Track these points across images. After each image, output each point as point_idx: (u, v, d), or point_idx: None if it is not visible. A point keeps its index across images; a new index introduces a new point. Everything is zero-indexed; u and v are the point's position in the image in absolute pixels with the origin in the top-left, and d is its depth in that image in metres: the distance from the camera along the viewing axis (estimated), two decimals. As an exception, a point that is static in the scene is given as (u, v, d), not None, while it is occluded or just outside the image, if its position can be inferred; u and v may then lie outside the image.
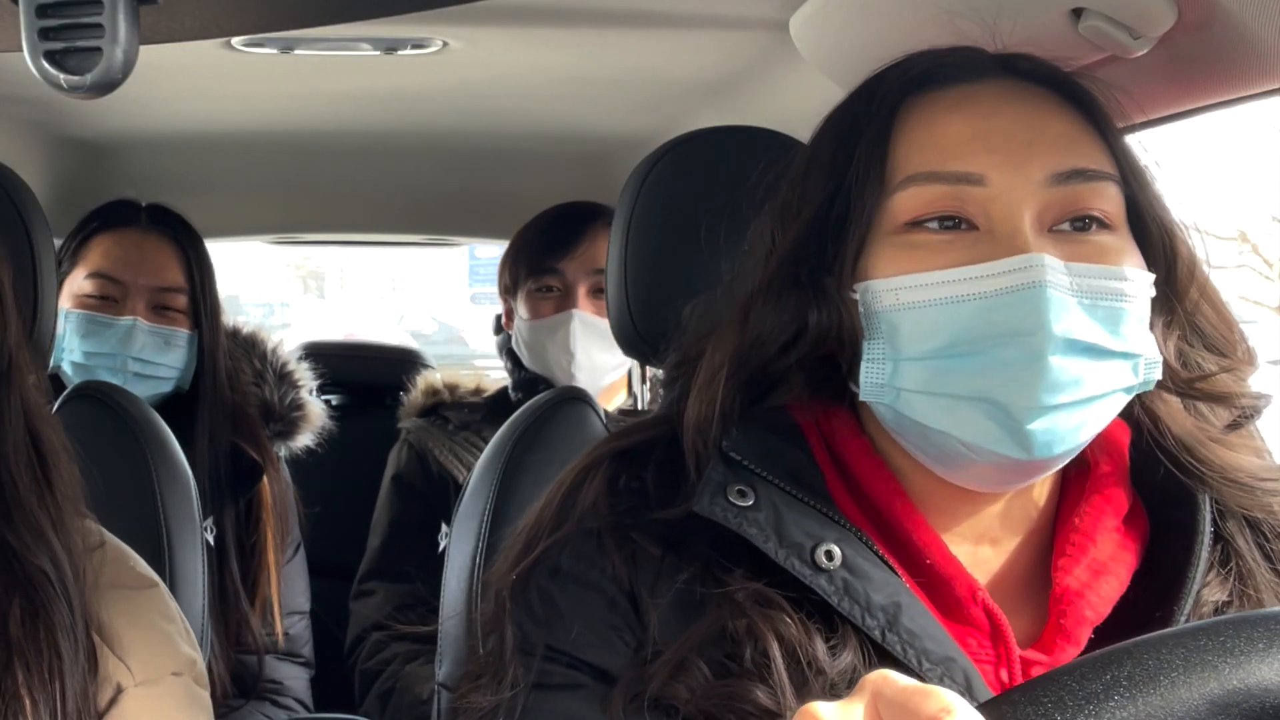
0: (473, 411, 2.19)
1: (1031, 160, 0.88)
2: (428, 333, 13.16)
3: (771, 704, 0.83)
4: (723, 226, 1.15)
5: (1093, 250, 0.88)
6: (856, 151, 0.92)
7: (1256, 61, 1.03)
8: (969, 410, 0.86)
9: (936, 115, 0.92)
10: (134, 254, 1.96)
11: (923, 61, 0.95)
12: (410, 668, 2.00)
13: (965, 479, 0.91)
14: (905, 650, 0.85)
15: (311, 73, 1.85)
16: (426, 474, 2.13)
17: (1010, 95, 0.92)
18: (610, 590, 0.91)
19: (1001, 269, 0.85)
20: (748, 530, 0.88)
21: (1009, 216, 0.87)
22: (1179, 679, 0.59)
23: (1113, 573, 0.91)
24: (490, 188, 2.62)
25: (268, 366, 2.13)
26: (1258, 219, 10.67)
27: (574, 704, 0.89)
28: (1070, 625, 0.89)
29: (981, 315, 0.85)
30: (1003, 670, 0.89)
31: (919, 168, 0.90)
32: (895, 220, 0.90)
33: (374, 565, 2.14)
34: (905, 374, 0.89)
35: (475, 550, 1.36)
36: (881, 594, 0.87)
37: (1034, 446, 0.85)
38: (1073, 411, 0.86)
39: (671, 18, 1.55)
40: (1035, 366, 0.84)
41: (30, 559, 0.96)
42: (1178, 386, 0.93)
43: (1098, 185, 0.89)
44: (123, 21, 0.71)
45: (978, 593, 0.90)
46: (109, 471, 1.51)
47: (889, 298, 0.89)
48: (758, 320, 0.95)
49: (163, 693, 1.01)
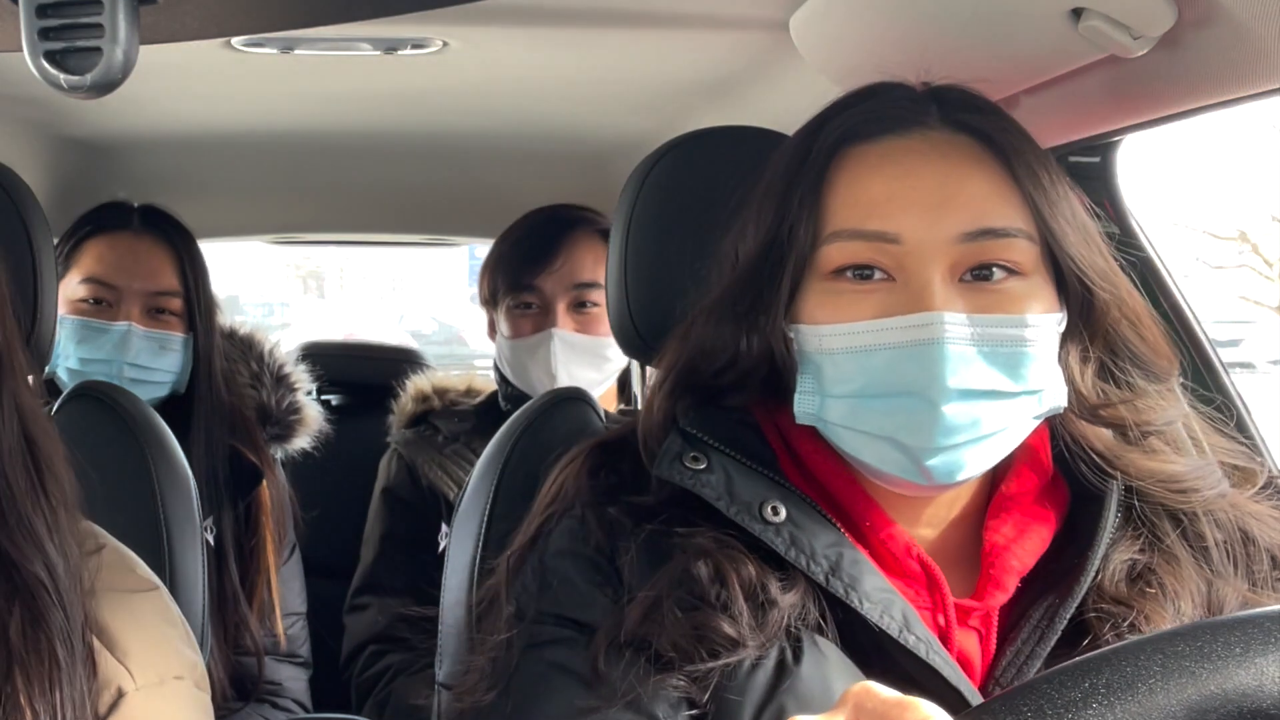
0: (463, 420, 2.17)
1: (944, 219, 0.97)
2: (428, 333, 13.17)
3: (734, 633, 0.93)
4: (723, 227, 1.15)
5: (998, 299, 0.97)
6: (791, 203, 1.01)
7: (1256, 61, 1.03)
8: (879, 445, 0.98)
9: (862, 173, 1.00)
10: (127, 258, 1.95)
11: (856, 114, 1.03)
12: (404, 678, 2.00)
13: (893, 488, 1.02)
14: (848, 592, 0.95)
15: (311, 73, 1.85)
16: (416, 487, 2.12)
17: (932, 150, 1.00)
18: (592, 555, 1.02)
19: (906, 324, 0.95)
20: (701, 490, 1.00)
21: (920, 271, 0.96)
22: (1157, 685, 0.59)
23: (1035, 532, 1.02)
24: (490, 188, 2.62)
25: (265, 369, 2.13)
26: (1258, 219, 10.68)
27: (561, 652, 0.98)
28: (998, 574, 1.00)
29: (889, 365, 0.96)
30: (940, 615, 0.99)
31: (843, 224, 0.99)
32: (824, 268, 1.00)
33: (366, 579, 2.14)
34: (830, 408, 1.00)
35: (475, 550, 1.37)
36: (823, 543, 0.98)
37: (935, 476, 0.97)
38: (970, 447, 0.96)
39: (671, 18, 1.55)
40: (930, 414, 0.95)
41: (26, 565, 0.96)
42: (1082, 413, 1.03)
43: (1007, 241, 0.97)
44: (123, 21, 0.71)
45: (913, 548, 1.01)
46: (109, 472, 1.51)
47: (814, 342, 1.00)
48: (696, 342, 1.07)
49: (164, 696, 1.01)
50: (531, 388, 2.05)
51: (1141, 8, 1.02)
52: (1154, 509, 1.03)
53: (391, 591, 2.07)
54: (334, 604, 2.19)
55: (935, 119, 1.02)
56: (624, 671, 0.94)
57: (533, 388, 2.05)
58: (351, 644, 2.11)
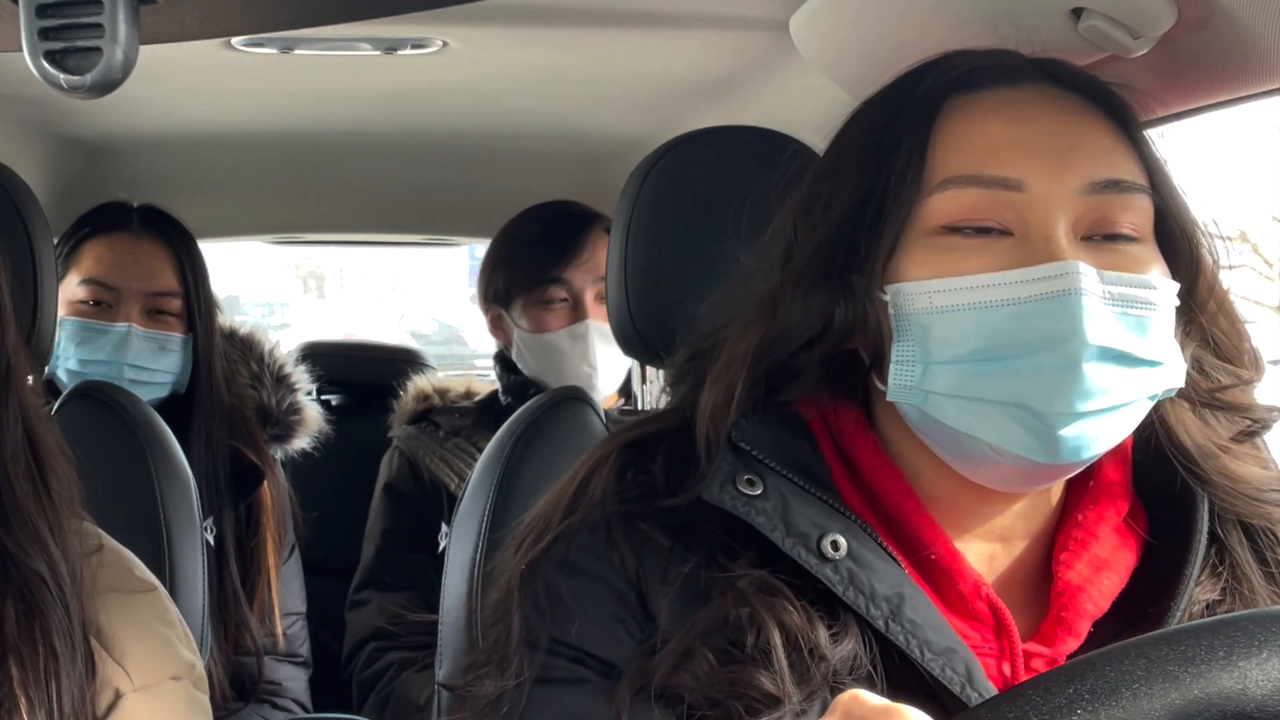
0: (463, 417, 2.17)
1: (1070, 168, 0.89)
2: (428, 333, 13.15)
3: (774, 690, 0.84)
4: (723, 226, 1.15)
5: (1123, 259, 0.88)
6: (894, 150, 0.92)
7: (1256, 61, 1.03)
8: (1000, 415, 0.87)
9: (975, 118, 0.92)
10: (127, 259, 1.95)
11: (962, 62, 0.95)
12: (406, 675, 2.00)
13: (987, 479, 0.92)
14: (908, 640, 0.86)
15: (311, 73, 1.85)
16: (418, 482, 2.12)
17: (1048, 101, 0.92)
18: (616, 583, 0.92)
19: (1038, 275, 0.86)
20: (755, 519, 0.89)
21: (1044, 223, 0.87)
22: (1141, 690, 0.59)
23: (1113, 569, 0.92)
24: (490, 188, 2.62)
25: (265, 369, 2.13)
26: (1258, 219, 10.68)
27: (578, 699, 0.89)
28: (1070, 618, 0.90)
29: (1017, 321, 0.86)
30: (1005, 664, 0.90)
31: (957, 170, 0.90)
32: (930, 222, 0.90)
33: (368, 575, 2.14)
34: (935, 377, 0.89)
35: (475, 550, 1.37)
36: (885, 584, 0.87)
37: (1062, 452, 0.86)
38: (1101, 418, 0.86)
39: (671, 18, 1.55)
40: (1070, 373, 0.85)
41: (27, 562, 0.96)
42: (1198, 395, 0.94)
43: (1131, 197, 0.90)
44: (123, 21, 0.71)
45: (982, 588, 0.91)
46: (109, 472, 1.51)
47: (921, 300, 0.89)
48: (785, 313, 0.95)
49: (162, 697, 1.01)
50: (563, 381, 2.03)
51: (1141, 8, 1.02)
52: (1233, 525, 0.94)
53: (392, 587, 2.07)
54: (334, 604, 2.19)
55: (1039, 77, 0.94)
56: None
57: (564, 381, 2.02)
58: (352, 641, 2.11)
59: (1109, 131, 0.92)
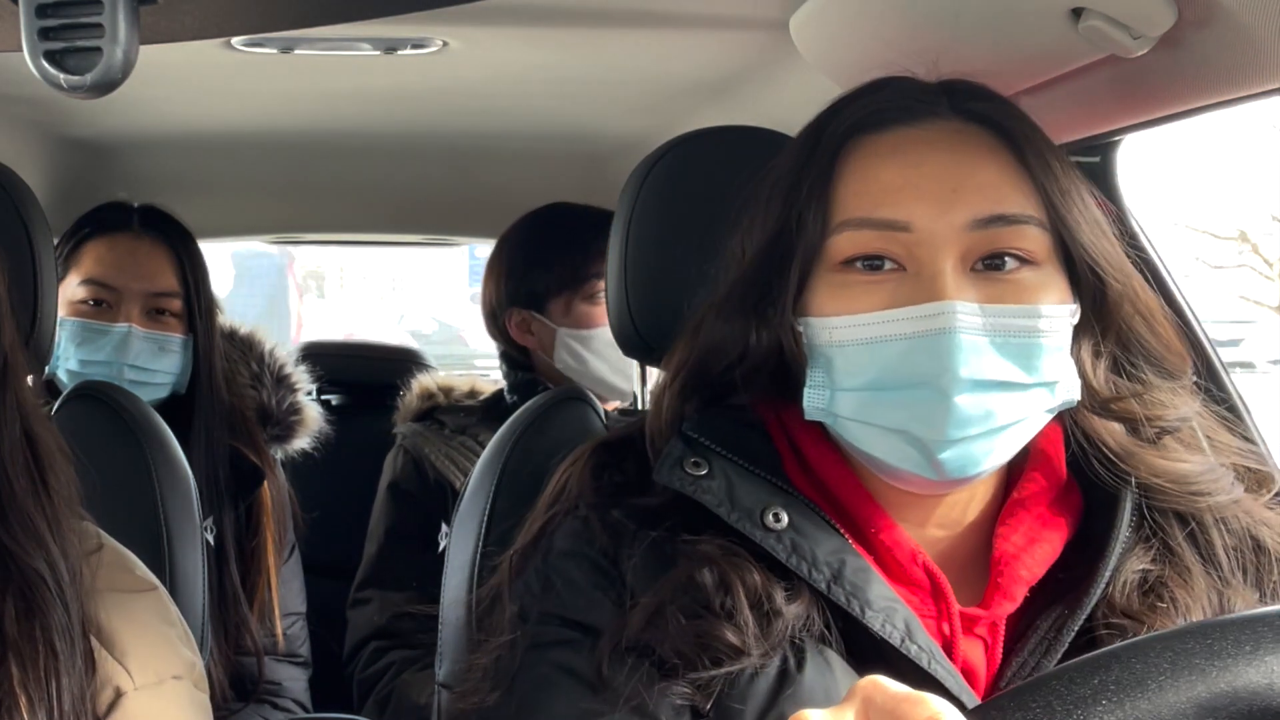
0: (468, 415, 2.17)
1: (955, 207, 0.95)
2: (428, 333, 13.14)
3: (738, 641, 0.93)
4: (723, 226, 1.15)
5: (1010, 289, 0.96)
6: (801, 191, 1.00)
7: (1256, 61, 1.03)
8: (892, 438, 0.96)
9: (871, 162, 0.99)
10: (127, 259, 1.95)
11: (868, 104, 1.02)
12: (407, 674, 2.00)
13: (904, 486, 1.00)
14: (849, 600, 0.94)
15: (311, 73, 1.85)
16: (423, 480, 2.12)
17: (942, 140, 0.99)
18: (596, 558, 1.01)
19: (918, 313, 0.94)
20: (702, 496, 0.99)
21: (932, 260, 0.95)
22: (1166, 683, 0.59)
23: (1046, 540, 1.00)
24: (490, 187, 2.62)
25: (265, 369, 2.13)
26: (1258, 219, 10.68)
27: (565, 654, 0.97)
28: (1007, 583, 0.98)
29: (901, 356, 0.94)
30: (944, 624, 0.98)
31: (853, 213, 0.98)
32: (832, 259, 0.98)
33: (370, 574, 2.14)
34: (840, 402, 0.98)
35: (475, 550, 1.36)
36: (826, 550, 0.96)
37: (948, 470, 0.95)
38: (984, 440, 0.95)
39: (671, 18, 1.55)
40: (942, 405, 0.93)
41: (26, 561, 0.96)
42: (1093, 407, 1.01)
43: (1019, 228, 0.96)
44: (123, 21, 0.71)
45: (919, 555, 0.99)
46: (109, 471, 1.51)
47: (824, 334, 0.98)
48: (706, 337, 1.05)
49: (163, 697, 1.01)
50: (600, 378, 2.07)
51: (1141, 8, 1.02)
52: (1164, 513, 1.01)
53: (394, 586, 2.07)
54: (334, 604, 2.19)
55: (945, 109, 1.01)
56: (628, 676, 0.93)
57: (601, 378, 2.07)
58: (354, 639, 2.11)
59: (1002, 166, 0.98)
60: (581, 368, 2.10)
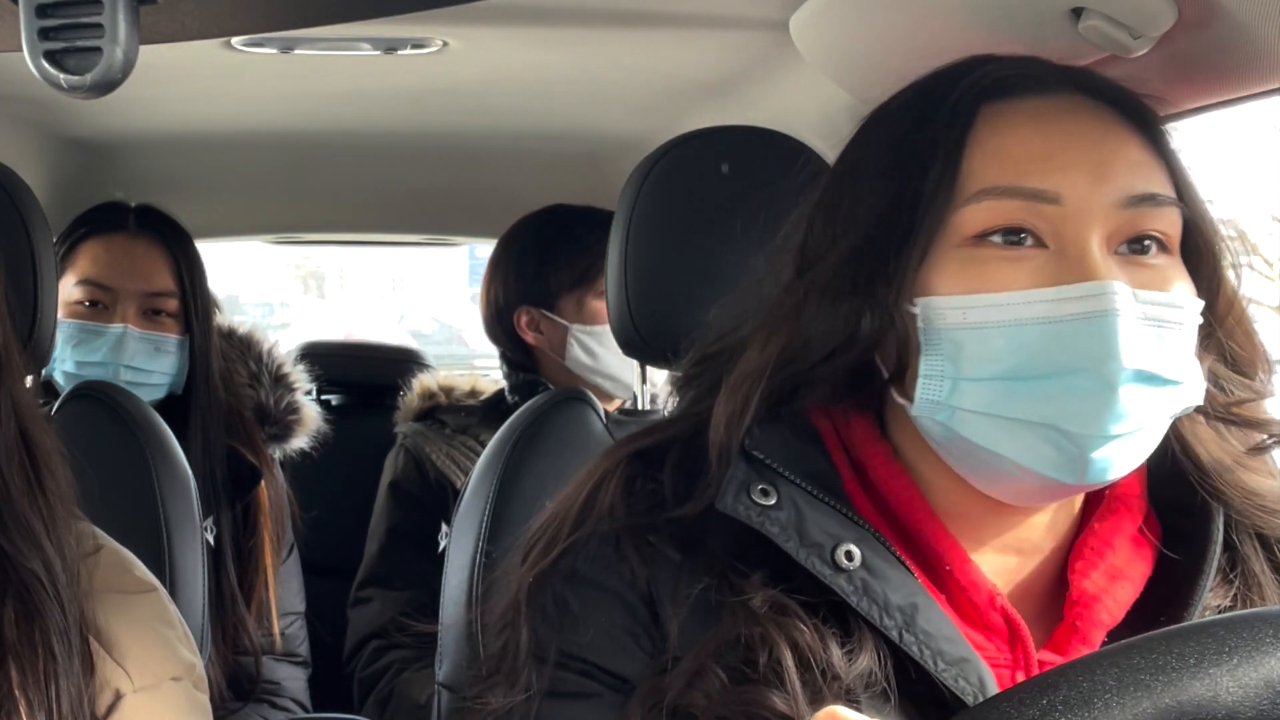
0: (469, 415, 2.18)
1: (1106, 181, 0.87)
2: (428, 333, 13.14)
3: (787, 709, 0.83)
4: (724, 226, 1.15)
5: (1153, 275, 0.87)
6: (925, 159, 0.90)
7: (1256, 61, 1.03)
8: (1030, 435, 0.86)
9: (1010, 128, 0.90)
10: (123, 259, 1.95)
11: (994, 69, 0.93)
12: (408, 673, 2.00)
13: (1004, 494, 0.91)
14: (921, 651, 0.85)
15: (311, 73, 1.85)
16: (424, 480, 2.13)
17: (1082, 112, 0.91)
18: (627, 595, 0.91)
19: (1075, 294, 0.84)
20: (769, 529, 0.88)
21: (1080, 237, 0.86)
22: (1113, 700, 0.59)
23: (1127, 578, 0.92)
24: (490, 188, 2.62)
25: (263, 369, 2.13)
26: (1258, 219, 10.66)
27: (587, 713, 0.89)
28: (1085, 627, 0.90)
29: (1052, 340, 0.84)
30: (1019, 673, 0.89)
31: (993, 181, 0.88)
32: (963, 233, 0.88)
33: (371, 573, 2.14)
34: (965, 393, 0.87)
35: (475, 551, 1.36)
36: (899, 594, 0.87)
37: (1090, 473, 0.86)
38: (1130, 439, 0.86)
39: (671, 18, 1.55)
40: (1107, 396, 0.83)
41: (23, 563, 0.96)
42: (1215, 410, 0.93)
43: (1164, 210, 0.89)
44: (123, 21, 0.71)
45: (996, 599, 0.90)
46: (109, 471, 1.51)
47: (954, 315, 0.87)
48: (808, 323, 0.93)
49: (162, 698, 1.01)
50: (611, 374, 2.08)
51: (1141, 8, 1.02)
52: (1242, 537, 0.94)
53: (395, 585, 2.07)
54: (334, 604, 2.19)
55: (1073, 87, 0.93)
56: None
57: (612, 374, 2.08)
58: (354, 638, 2.11)
59: (1141, 144, 0.91)
60: (594, 363, 2.11)
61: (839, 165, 0.98)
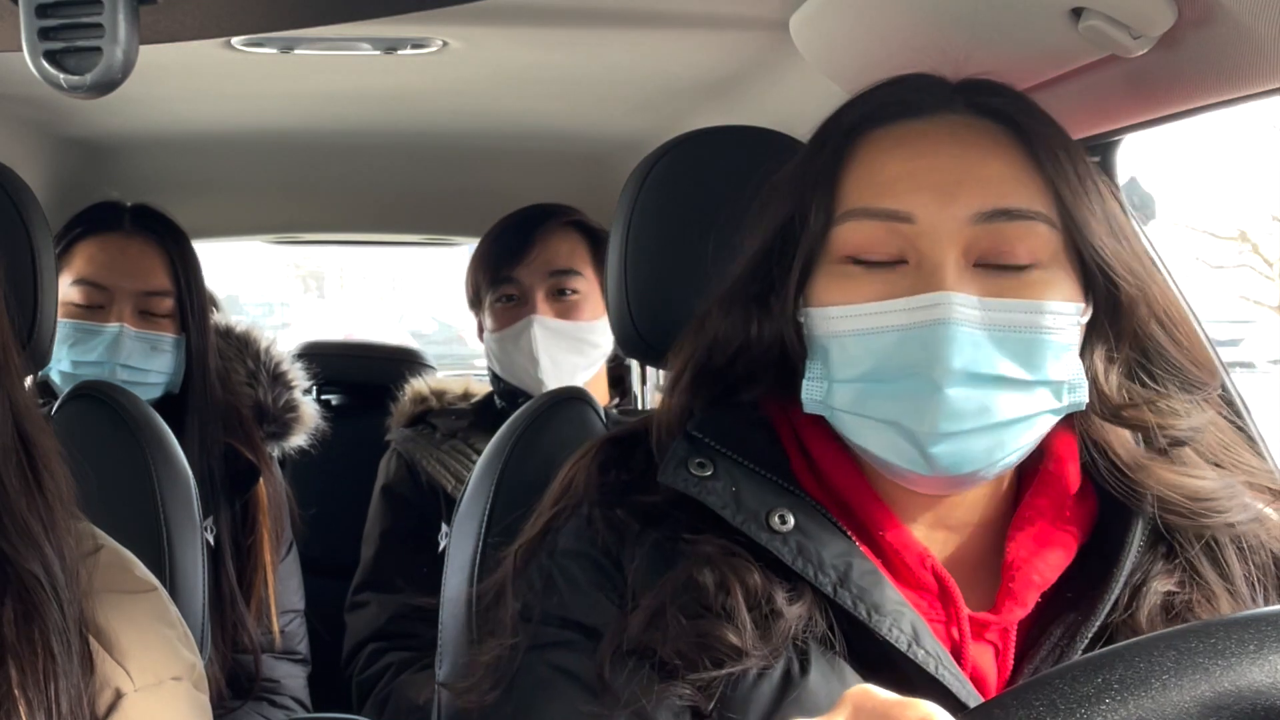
0: (460, 419, 2.19)
1: (956, 199, 0.94)
2: (428, 333, 13.13)
3: (738, 642, 0.92)
4: (723, 226, 1.15)
5: (1014, 286, 0.94)
6: (809, 183, 1.00)
7: (1256, 61, 1.03)
8: (885, 431, 0.95)
9: (879, 152, 0.99)
10: (118, 259, 1.94)
11: (878, 97, 1.02)
12: (406, 675, 2.01)
13: (907, 484, 0.98)
14: (855, 603, 0.93)
15: (311, 73, 1.85)
16: (416, 484, 2.13)
17: (951, 133, 0.98)
18: (598, 557, 1.01)
19: (915, 304, 0.93)
20: (707, 497, 0.98)
21: (934, 252, 0.94)
22: (1170, 681, 0.59)
23: (1059, 545, 0.99)
24: (490, 187, 2.62)
25: (261, 367, 2.12)
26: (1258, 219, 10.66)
27: (565, 656, 0.97)
28: (1019, 588, 0.97)
29: (896, 347, 0.93)
30: (953, 628, 0.97)
31: (860, 203, 0.97)
32: (837, 251, 0.98)
33: (367, 577, 2.15)
34: (837, 394, 0.97)
35: (475, 550, 1.36)
36: (833, 553, 0.95)
37: (940, 466, 0.93)
38: (981, 436, 0.93)
39: (671, 18, 1.55)
40: (933, 397, 0.92)
41: (22, 563, 0.95)
42: (1103, 412, 0.99)
43: (1025, 224, 0.95)
44: (123, 21, 0.71)
45: (927, 559, 0.98)
46: (109, 471, 1.51)
47: (824, 324, 0.98)
48: (710, 330, 1.05)
49: (163, 698, 1.01)
50: (518, 378, 2.09)
51: (1141, 8, 1.02)
52: (1183, 532, 0.99)
53: (391, 588, 2.07)
54: (333, 603, 2.19)
55: (957, 104, 1.00)
56: (628, 679, 0.93)
57: (519, 378, 2.09)
58: (352, 642, 2.12)
59: (1012, 160, 0.97)
60: (498, 367, 2.14)
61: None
